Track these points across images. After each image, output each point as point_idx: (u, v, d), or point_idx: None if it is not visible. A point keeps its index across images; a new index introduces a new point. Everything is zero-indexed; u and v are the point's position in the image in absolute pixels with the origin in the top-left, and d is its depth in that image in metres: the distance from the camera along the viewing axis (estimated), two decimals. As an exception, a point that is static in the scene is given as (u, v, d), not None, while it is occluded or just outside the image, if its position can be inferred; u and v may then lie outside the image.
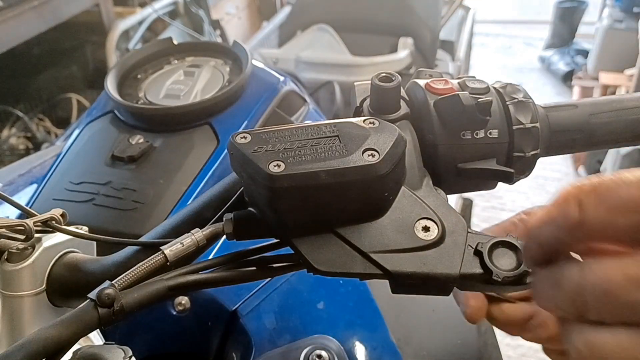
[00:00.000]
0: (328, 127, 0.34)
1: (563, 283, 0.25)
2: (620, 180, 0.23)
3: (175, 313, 0.59)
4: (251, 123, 0.75)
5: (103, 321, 0.31)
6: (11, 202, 0.39)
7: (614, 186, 0.23)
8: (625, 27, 3.05)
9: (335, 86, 1.72)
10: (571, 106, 0.41)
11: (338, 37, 1.93)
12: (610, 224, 0.23)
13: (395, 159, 0.32)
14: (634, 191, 0.22)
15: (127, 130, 0.73)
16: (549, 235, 0.26)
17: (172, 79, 0.79)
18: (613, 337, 0.23)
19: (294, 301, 0.60)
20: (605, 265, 0.23)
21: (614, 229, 0.23)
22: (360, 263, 0.31)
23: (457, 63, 2.13)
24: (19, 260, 0.40)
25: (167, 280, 0.33)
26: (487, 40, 4.42)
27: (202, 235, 0.36)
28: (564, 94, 3.55)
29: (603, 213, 0.23)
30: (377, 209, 0.33)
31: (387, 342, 0.58)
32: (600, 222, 0.23)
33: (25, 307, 0.40)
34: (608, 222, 0.23)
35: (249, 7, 3.32)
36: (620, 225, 0.23)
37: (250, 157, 0.32)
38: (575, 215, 0.24)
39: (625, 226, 0.23)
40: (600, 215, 0.23)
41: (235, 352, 0.59)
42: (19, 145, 2.00)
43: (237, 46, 0.82)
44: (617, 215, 0.23)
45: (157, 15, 2.18)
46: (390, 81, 0.38)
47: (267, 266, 0.36)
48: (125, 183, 0.66)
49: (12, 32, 1.67)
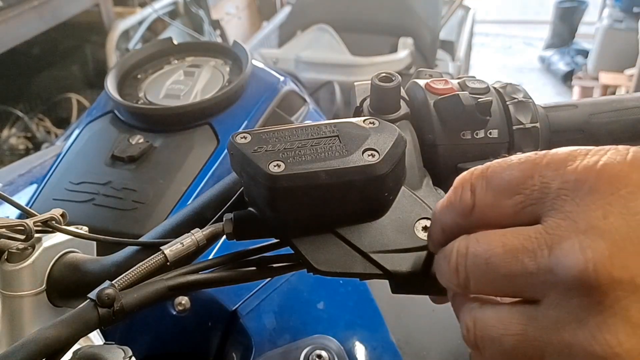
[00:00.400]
0: (328, 127, 0.34)
1: (451, 256, 0.25)
2: (505, 163, 0.24)
3: (175, 313, 0.59)
4: (251, 123, 0.75)
5: (103, 321, 0.31)
6: (11, 202, 0.39)
7: (499, 170, 0.24)
8: (625, 27, 3.05)
9: (335, 86, 1.72)
10: (571, 106, 0.41)
11: (338, 37, 1.93)
12: (497, 206, 0.24)
13: (395, 159, 0.32)
14: (516, 173, 0.23)
15: (127, 130, 0.73)
16: (449, 220, 0.26)
17: (172, 79, 0.79)
18: (494, 312, 0.23)
19: (294, 301, 0.60)
20: (487, 237, 0.24)
21: (501, 210, 0.24)
22: (360, 263, 0.31)
23: (457, 63, 2.13)
24: (19, 260, 0.40)
25: (167, 280, 0.33)
26: (487, 40, 4.42)
27: (202, 235, 0.36)
28: (564, 94, 3.55)
29: (490, 196, 0.24)
30: (377, 209, 0.33)
31: (387, 342, 0.58)
32: (489, 204, 0.24)
33: (25, 307, 0.40)
34: (495, 204, 0.24)
35: (249, 7, 3.32)
36: (505, 207, 0.23)
37: (250, 157, 0.32)
38: (467, 200, 0.25)
39: (508, 207, 0.23)
40: (488, 198, 0.24)
41: (235, 352, 0.59)
42: (19, 145, 2.00)
43: (237, 46, 0.82)
44: (502, 197, 0.24)
45: (157, 15, 2.18)
46: (390, 81, 0.38)
47: (267, 266, 0.36)
48: (125, 183, 0.66)
49: (12, 32, 1.67)
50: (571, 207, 0.21)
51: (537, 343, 0.22)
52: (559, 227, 0.21)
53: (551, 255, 0.21)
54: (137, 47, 1.95)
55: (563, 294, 0.21)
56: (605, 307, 0.20)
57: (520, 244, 0.22)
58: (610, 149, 0.22)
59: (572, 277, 0.20)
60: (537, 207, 0.22)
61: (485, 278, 0.23)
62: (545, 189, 0.22)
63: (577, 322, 0.20)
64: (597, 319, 0.20)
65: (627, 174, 0.21)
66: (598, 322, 0.20)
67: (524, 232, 0.22)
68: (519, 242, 0.22)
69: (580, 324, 0.20)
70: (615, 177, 0.21)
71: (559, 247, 0.21)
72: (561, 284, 0.21)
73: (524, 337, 0.22)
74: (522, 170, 0.23)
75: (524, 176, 0.23)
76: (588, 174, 0.21)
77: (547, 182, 0.22)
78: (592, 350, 0.20)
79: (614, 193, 0.21)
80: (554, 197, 0.22)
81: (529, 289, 0.22)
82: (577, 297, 0.20)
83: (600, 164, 0.21)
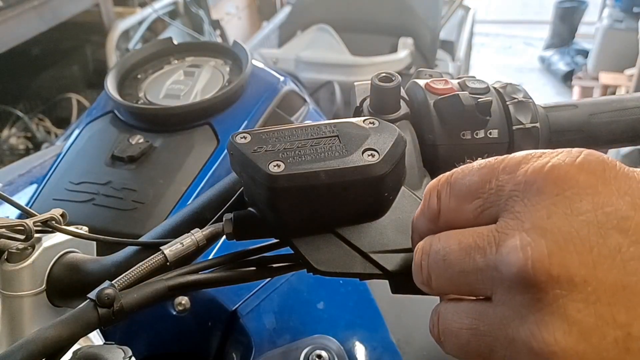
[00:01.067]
0: (328, 127, 0.34)
1: (415, 254, 0.26)
2: (467, 169, 0.25)
3: (175, 313, 0.59)
4: (251, 123, 0.75)
5: (103, 321, 0.31)
6: (11, 202, 0.39)
7: (460, 176, 0.25)
8: (625, 27, 3.05)
9: (335, 86, 1.72)
10: (571, 106, 0.41)
11: (338, 37, 1.93)
12: (459, 210, 0.25)
13: (395, 159, 0.32)
14: (475, 178, 0.24)
15: (127, 130, 0.73)
16: (422, 226, 0.27)
17: (172, 79, 0.79)
18: (454, 307, 0.25)
19: (294, 301, 0.60)
20: (447, 236, 0.25)
21: (463, 214, 0.25)
22: (360, 263, 0.31)
23: (457, 63, 2.13)
24: (19, 260, 0.40)
25: (167, 280, 0.33)
26: (487, 40, 4.42)
27: (202, 235, 0.36)
28: (564, 94, 3.55)
29: (453, 201, 0.25)
30: (377, 209, 0.33)
31: (387, 342, 0.58)
32: (452, 209, 0.25)
33: (25, 307, 0.40)
34: (458, 209, 0.25)
35: (249, 7, 3.32)
36: (466, 211, 0.24)
37: (250, 157, 0.32)
38: (434, 206, 0.26)
39: (469, 211, 0.24)
40: (452, 203, 0.25)
41: (235, 352, 0.59)
42: (19, 145, 2.00)
43: (237, 46, 0.82)
44: (464, 202, 0.25)
45: (157, 15, 2.18)
46: (390, 81, 0.38)
47: (267, 266, 0.36)
48: (125, 183, 0.66)
49: (12, 32, 1.67)
50: (520, 207, 0.22)
51: (486, 338, 0.22)
52: (507, 226, 0.22)
53: (497, 252, 0.22)
54: (137, 47, 1.95)
55: (507, 291, 0.21)
56: (544, 304, 0.20)
57: (474, 242, 0.23)
58: (562, 151, 0.23)
59: (513, 274, 0.21)
60: (494, 210, 0.23)
61: (444, 275, 0.24)
62: (500, 191, 0.23)
63: (519, 319, 0.21)
64: (536, 317, 0.20)
65: (574, 176, 0.22)
66: (537, 319, 0.20)
67: (478, 231, 0.23)
68: (472, 240, 0.23)
69: (522, 320, 0.21)
70: (561, 179, 0.22)
71: (504, 244, 0.22)
72: (506, 281, 0.21)
73: (476, 331, 0.23)
74: (481, 175, 0.24)
75: (483, 181, 0.24)
76: (537, 175, 0.22)
77: (502, 185, 0.23)
78: (531, 347, 0.20)
79: (559, 194, 0.22)
80: (506, 199, 0.23)
81: (479, 286, 0.23)
82: (519, 295, 0.21)
83: (549, 166, 0.22)
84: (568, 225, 0.21)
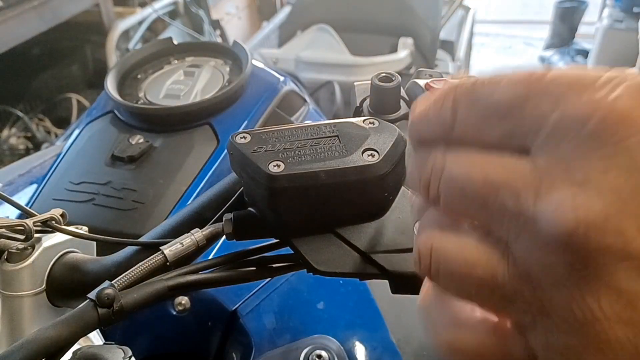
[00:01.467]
0: (328, 127, 0.34)
1: (426, 166, 0.22)
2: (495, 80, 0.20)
3: (175, 313, 0.59)
4: (251, 123, 0.75)
5: (103, 321, 0.31)
6: (11, 202, 0.39)
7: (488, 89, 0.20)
8: (625, 27, 3.04)
9: (335, 86, 1.72)
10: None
11: (338, 37, 1.93)
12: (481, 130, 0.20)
13: (395, 159, 0.32)
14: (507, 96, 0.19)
15: (127, 130, 0.73)
16: (425, 130, 0.22)
17: (172, 79, 0.79)
18: (457, 240, 0.21)
19: (294, 301, 0.60)
20: (469, 161, 0.20)
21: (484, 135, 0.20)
22: (360, 263, 0.31)
23: (457, 63, 2.13)
24: (18, 260, 0.40)
25: (167, 280, 0.33)
26: (487, 40, 4.42)
27: (202, 235, 0.36)
28: (564, 94, 3.54)
29: (474, 117, 0.20)
30: (377, 209, 0.33)
31: (387, 342, 0.58)
32: (471, 125, 0.20)
33: (25, 307, 0.40)
34: (479, 128, 0.20)
35: (249, 7, 3.32)
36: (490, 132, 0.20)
37: (250, 157, 0.32)
38: (447, 118, 0.21)
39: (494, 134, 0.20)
40: (471, 119, 0.20)
41: (235, 352, 0.59)
42: (19, 145, 2.00)
43: (237, 46, 0.82)
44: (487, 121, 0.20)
45: (157, 15, 2.18)
46: (390, 81, 0.38)
47: (267, 266, 0.36)
48: (125, 183, 0.66)
49: (12, 32, 1.67)
50: (568, 149, 0.18)
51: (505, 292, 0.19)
52: (551, 172, 0.18)
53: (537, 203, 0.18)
54: (137, 47, 1.95)
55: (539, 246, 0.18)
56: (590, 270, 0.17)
57: (504, 179, 0.19)
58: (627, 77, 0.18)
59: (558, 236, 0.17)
60: (528, 140, 0.19)
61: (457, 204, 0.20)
62: (541, 120, 0.18)
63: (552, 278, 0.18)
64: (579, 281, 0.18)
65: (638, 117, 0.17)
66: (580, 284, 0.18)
67: (510, 164, 0.19)
68: (504, 176, 0.19)
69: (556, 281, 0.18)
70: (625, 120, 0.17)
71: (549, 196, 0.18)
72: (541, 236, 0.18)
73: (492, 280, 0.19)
74: (515, 93, 0.19)
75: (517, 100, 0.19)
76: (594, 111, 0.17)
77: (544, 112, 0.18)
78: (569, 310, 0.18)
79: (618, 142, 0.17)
80: (548, 133, 0.18)
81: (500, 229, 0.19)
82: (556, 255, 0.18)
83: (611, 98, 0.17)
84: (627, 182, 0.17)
